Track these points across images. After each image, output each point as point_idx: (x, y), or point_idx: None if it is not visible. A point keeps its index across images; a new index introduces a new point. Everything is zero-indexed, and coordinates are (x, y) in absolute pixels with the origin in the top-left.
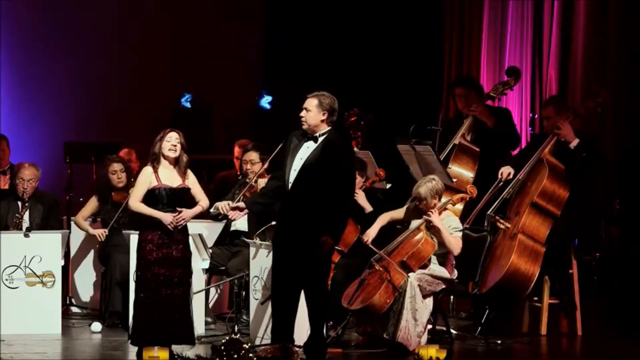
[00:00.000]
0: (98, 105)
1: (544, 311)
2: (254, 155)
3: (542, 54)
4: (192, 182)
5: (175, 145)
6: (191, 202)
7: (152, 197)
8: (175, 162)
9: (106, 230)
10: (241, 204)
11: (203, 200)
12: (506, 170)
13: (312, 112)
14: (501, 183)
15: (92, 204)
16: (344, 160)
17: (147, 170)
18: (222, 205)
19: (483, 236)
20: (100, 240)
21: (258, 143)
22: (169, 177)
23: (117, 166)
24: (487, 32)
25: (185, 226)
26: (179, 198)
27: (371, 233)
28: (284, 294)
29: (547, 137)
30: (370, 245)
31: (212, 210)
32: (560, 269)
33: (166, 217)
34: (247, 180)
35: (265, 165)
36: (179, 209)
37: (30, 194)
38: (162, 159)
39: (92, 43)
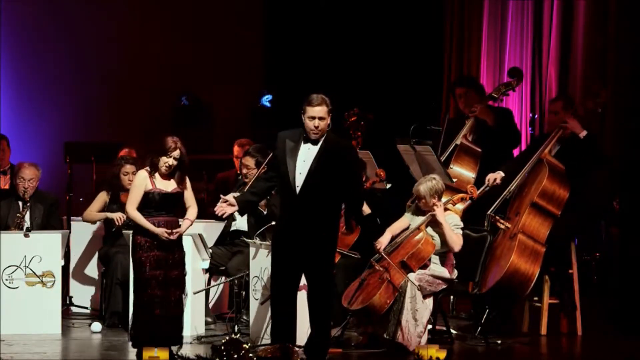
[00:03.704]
0: (98, 105)
1: (544, 311)
2: (249, 161)
3: (542, 54)
4: (188, 188)
5: (171, 165)
6: (182, 207)
7: (145, 200)
8: (170, 173)
9: (124, 215)
10: (232, 199)
11: (193, 207)
12: (493, 176)
13: (325, 120)
14: (487, 188)
15: (101, 199)
16: (351, 156)
17: (142, 174)
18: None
19: (483, 236)
20: (118, 224)
21: (256, 146)
22: (164, 181)
23: (129, 168)
24: (487, 32)
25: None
26: (171, 203)
27: (384, 241)
28: (285, 295)
29: (546, 138)
30: (383, 253)
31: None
32: (560, 269)
33: (160, 233)
34: (246, 180)
35: (262, 169)
36: (175, 231)
37: (31, 194)
38: (158, 169)
39: (92, 43)
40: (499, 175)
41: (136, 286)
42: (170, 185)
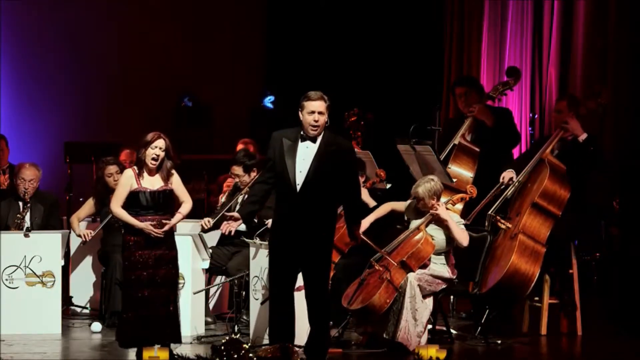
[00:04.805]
0: (98, 105)
1: (544, 311)
2: (238, 170)
3: (542, 54)
4: (176, 183)
5: (158, 155)
6: (175, 203)
7: (133, 200)
8: (158, 167)
9: (92, 232)
10: (236, 214)
11: (186, 202)
12: (508, 175)
13: (324, 115)
14: (502, 186)
15: (88, 205)
16: (350, 155)
17: (128, 172)
18: (204, 222)
19: (483, 236)
20: (84, 240)
21: (241, 150)
22: (150, 180)
23: (112, 169)
24: (487, 32)
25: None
26: (160, 201)
27: (364, 223)
28: (284, 294)
29: (547, 140)
30: (362, 237)
31: (199, 232)
32: (561, 269)
33: (145, 228)
34: (241, 187)
35: (254, 174)
36: (162, 220)
37: (32, 194)
38: (145, 164)
39: (92, 43)
40: (513, 174)
41: (123, 285)
42: (156, 184)
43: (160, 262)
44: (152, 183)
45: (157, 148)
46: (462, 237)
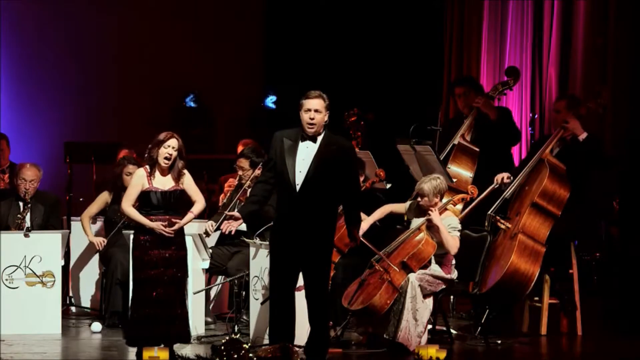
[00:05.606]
0: (98, 105)
1: (544, 311)
2: (244, 163)
3: (542, 54)
4: (187, 183)
5: (171, 154)
6: (186, 203)
7: (145, 199)
8: (170, 167)
9: (105, 240)
10: (236, 214)
11: (198, 202)
12: (501, 175)
13: (322, 114)
14: (496, 186)
15: (102, 199)
16: (350, 155)
17: (140, 172)
18: (208, 226)
19: (483, 236)
20: (98, 249)
21: (250, 147)
22: (162, 179)
23: (132, 168)
24: (487, 32)
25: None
26: (171, 201)
27: (363, 225)
28: (284, 294)
29: (547, 139)
30: (362, 239)
31: (202, 234)
32: (560, 269)
33: (156, 228)
34: (242, 182)
35: (258, 171)
36: (173, 219)
37: (32, 195)
38: (157, 163)
39: (92, 43)
40: (507, 174)
41: (133, 285)
42: (167, 184)
43: (170, 262)
44: (164, 183)
45: (170, 147)
46: (452, 245)
